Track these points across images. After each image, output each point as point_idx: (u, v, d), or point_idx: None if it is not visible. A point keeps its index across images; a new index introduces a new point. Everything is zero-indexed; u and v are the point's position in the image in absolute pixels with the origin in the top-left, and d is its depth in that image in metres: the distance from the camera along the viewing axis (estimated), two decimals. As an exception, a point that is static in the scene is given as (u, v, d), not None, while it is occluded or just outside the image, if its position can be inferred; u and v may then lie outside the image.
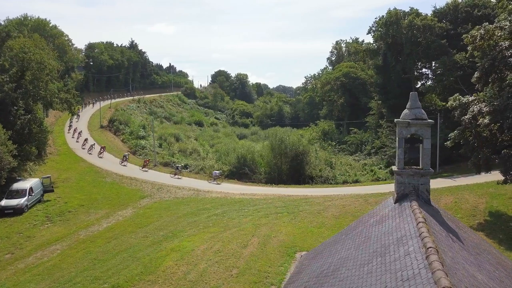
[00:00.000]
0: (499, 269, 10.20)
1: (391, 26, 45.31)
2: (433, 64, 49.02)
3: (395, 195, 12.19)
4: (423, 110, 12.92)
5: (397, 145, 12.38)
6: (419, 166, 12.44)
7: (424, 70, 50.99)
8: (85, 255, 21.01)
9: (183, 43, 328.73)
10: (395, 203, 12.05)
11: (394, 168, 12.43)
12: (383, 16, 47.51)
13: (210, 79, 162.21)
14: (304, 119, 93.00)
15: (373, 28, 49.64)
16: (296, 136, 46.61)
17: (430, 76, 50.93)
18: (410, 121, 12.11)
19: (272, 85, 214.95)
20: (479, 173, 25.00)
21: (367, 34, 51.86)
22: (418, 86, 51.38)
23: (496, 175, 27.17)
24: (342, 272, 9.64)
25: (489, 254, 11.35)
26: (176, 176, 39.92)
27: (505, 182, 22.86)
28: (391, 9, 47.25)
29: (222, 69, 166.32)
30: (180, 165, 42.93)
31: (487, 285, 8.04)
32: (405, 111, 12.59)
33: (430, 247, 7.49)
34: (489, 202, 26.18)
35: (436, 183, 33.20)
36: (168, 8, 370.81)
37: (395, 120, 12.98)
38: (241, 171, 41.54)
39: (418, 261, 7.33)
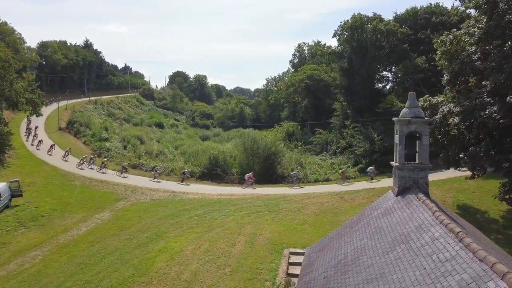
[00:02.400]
0: (499, 254, 11.23)
1: (356, 30, 47.23)
2: (393, 68, 51.55)
3: (396, 188, 12.90)
4: (421, 109, 13.86)
5: (397, 142, 13.09)
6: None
7: (384, 73, 53.56)
8: (70, 259, 20.37)
9: (138, 43, 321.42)
10: (396, 196, 12.79)
11: (394, 163, 13.17)
12: (348, 20, 49.46)
13: (167, 80, 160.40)
14: (265, 120, 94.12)
15: (338, 32, 51.49)
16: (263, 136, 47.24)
17: (390, 78, 53.65)
18: (410, 119, 12.90)
19: (229, 86, 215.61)
20: (449, 169, 26.78)
21: (333, 37, 53.90)
22: (379, 88, 54.02)
23: (457, 172, 29.34)
24: (364, 260, 10.19)
25: (485, 240, 12.44)
26: (122, 175, 39.71)
27: (472, 177, 24.63)
28: (355, 14, 49.29)
29: (179, 70, 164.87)
30: (125, 164, 42.40)
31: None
32: (405, 109, 13.41)
33: (460, 231, 8.19)
34: (456, 196, 28.15)
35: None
36: (121, 7, 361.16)
37: (394, 118, 13.76)
38: (213, 172, 41.57)
39: (451, 244, 7.96)
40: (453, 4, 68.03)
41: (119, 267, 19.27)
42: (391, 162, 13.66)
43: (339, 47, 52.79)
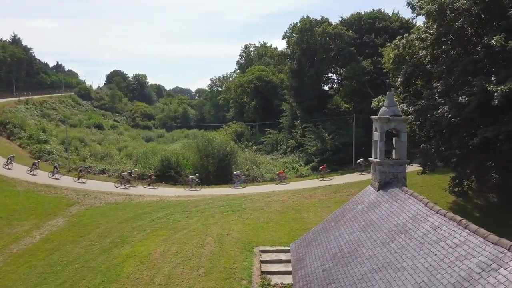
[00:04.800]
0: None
1: (305, 32, 48.66)
2: (338, 70, 53.75)
3: (377, 183, 13.54)
4: (398, 108, 14.69)
5: (377, 139, 13.75)
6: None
7: (330, 74, 55.69)
8: (29, 270, 18.96)
9: (69, 41, 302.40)
10: (378, 190, 13.44)
11: (375, 159, 13.82)
12: (297, 23, 50.81)
13: (104, 79, 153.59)
14: (210, 121, 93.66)
15: (287, 34, 52.70)
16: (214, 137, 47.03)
17: (336, 80, 55.91)
18: (390, 117, 13.62)
19: (167, 86, 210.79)
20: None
21: (282, 39, 54.73)
22: (326, 89, 56.11)
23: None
24: (363, 252, 10.56)
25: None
26: (32, 173, 38.03)
27: (423, 172, 26.47)
28: (304, 17, 50.88)
29: (116, 69, 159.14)
30: (52, 165, 40.58)
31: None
32: (384, 108, 14.14)
33: (462, 219, 8.83)
34: (407, 191, 29.99)
35: (355, 177, 36.73)
36: (51, 1, 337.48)
37: (373, 117, 14.45)
38: (167, 174, 40.74)
39: (456, 231, 8.45)
40: (393, 11, 72.59)
41: (86, 275, 18.30)
42: (370, 158, 14.33)
43: (288, 49, 54.04)
